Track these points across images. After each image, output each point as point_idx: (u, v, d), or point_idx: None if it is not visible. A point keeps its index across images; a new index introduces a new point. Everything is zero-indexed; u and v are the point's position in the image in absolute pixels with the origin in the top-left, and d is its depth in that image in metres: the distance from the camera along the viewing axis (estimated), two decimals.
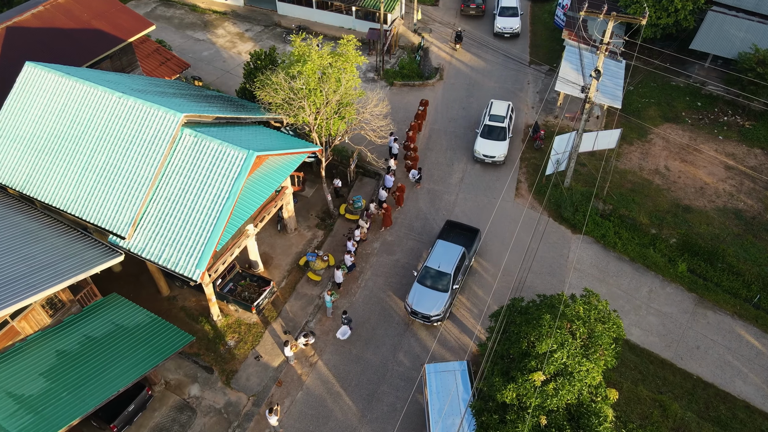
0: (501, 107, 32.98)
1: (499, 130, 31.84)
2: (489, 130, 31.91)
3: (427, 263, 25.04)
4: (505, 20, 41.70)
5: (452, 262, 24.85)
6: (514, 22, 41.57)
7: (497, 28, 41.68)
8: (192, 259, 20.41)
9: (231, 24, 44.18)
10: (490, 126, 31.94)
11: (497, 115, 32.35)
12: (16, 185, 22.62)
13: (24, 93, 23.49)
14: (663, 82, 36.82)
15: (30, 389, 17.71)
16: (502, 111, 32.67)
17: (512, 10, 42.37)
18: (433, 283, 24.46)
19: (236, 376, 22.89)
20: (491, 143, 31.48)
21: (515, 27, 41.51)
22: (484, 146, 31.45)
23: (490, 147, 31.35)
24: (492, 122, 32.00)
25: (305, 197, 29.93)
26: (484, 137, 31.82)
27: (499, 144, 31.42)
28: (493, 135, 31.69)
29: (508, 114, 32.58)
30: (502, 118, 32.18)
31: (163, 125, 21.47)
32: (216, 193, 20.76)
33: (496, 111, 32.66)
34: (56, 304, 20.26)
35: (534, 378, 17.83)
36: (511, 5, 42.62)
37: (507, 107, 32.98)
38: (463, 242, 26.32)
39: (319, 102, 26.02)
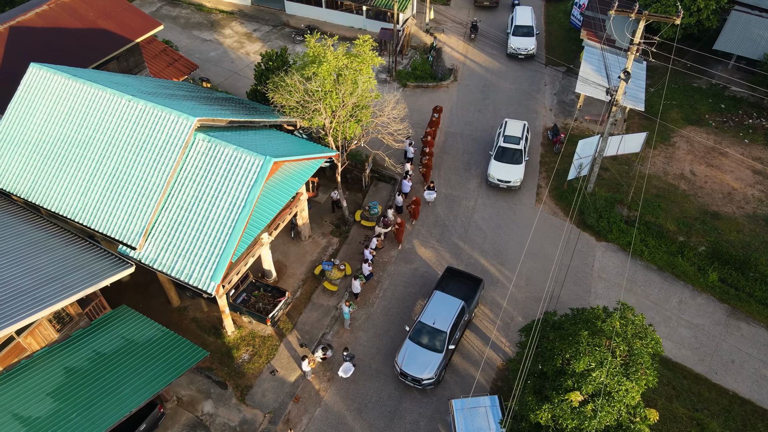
0: (516, 127, 30.70)
1: (515, 152, 29.56)
2: (503, 153, 29.62)
3: (421, 318, 22.28)
4: (520, 40, 38.63)
5: (449, 319, 22.06)
6: (529, 43, 38.45)
7: (511, 48, 38.57)
8: (206, 270, 19.40)
9: (238, 24, 43.18)
10: (504, 148, 29.70)
11: (512, 136, 30.13)
12: (21, 192, 21.61)
13: (29, 96, 22.49)
14: (684, 83, 35.82)
15: (37, 410, 16.71)
16: (517, 131, 30.39)
17: (527, 29, 39.06)
18: (427, 341, 21.77)
19: (251, 392, 21.89)
20: (506, 167, 29.23)
21: (530, 48, 38.32)
22: (498, 170, 29.26)
23: (505, 171, 29.15)
24: (507, 144, 29.80)
25: (319, 203, 28.92)
26: (498, 160, 29.51)
27: (515, 168, 29.23)
28: (508, 158, 29.43)
29: (523, 135, 30.31)
30: (517, 140, 29.97)
31: (176, 130, 20.47)
32: (231, 201, 19.76)
33: (511, 131, 30.42)
34: (64, 318, 19.26)
35: (571, 398, 16.85)
36: (526, 24, 39.24)
37: (522, 127, 30.64)
38: (463, 294, 23.62)
39: (335, 104, 25.03)
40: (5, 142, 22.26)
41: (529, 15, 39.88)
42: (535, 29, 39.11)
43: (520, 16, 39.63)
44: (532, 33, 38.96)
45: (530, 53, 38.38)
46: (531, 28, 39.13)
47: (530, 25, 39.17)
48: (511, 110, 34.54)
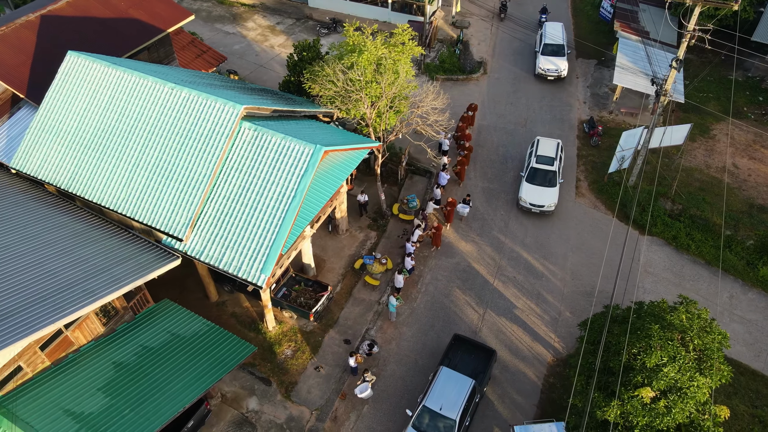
0: (549, 146, 28.22)
1: (548, 174, 27.16)
2: (536, 174, 27.22)
3: (426, 402, 19.18)
4: (549, 60, 34.75)
5: (459, 403, 18.97)
6: (559, 63, 34.54)
7: (539, 69, 34.70)
8: (256, 263, 18.81)
9: (261, 17, 42.59)
10: (536, 169, 27.30)
11: (545, 156, 27.72)
12: (60, 183, 21.03)
13: (67, 84, 21.90)
14: (720, 76, 35.20)
15: (89, 406, 16.13)
16: (550, 151, 27.98)
17: (557, 48, 35.13)
18: (432, 429, 18.84)
19: (296, 389, 21.29)
20: (539, 190, 26.85)
21: (561, 69, 34.35)
22: (530, 193, 26.81)
23: (538, 194, 26.73)
24: (539, 165, 27.40)
25: (354, 196, 28.29)
26: (530, 182, 27.13)
27: (549, 191, 26.79)
28: (540, 180, 27.10)
29: (557, 154, 27.91)
30: (551, 160, 27.57)
31: (222, 118, 19.87)
32: (281, 192, 19.16)
33: (544, 151, 27.95)
34: (110, 312, 18.67)
35: (642, 394, 16.24)
36: (557, 42, 35.31)
37: (556, 146, 28.25)
38: (473, 368, 20.53)
39: (375, 95, 24.46)
40: (43, 132, 21.68)
41: (560, 32, 36.29)
42: (566, 48, 35.48)
43: (550, 33, 36.10)
44: (563, 52, 35.22)
45: (561, 75, 34.73)
46: (562, 47, 35.28)
47: (561, 43, 35.34)
48: (545, 103, 33.91)
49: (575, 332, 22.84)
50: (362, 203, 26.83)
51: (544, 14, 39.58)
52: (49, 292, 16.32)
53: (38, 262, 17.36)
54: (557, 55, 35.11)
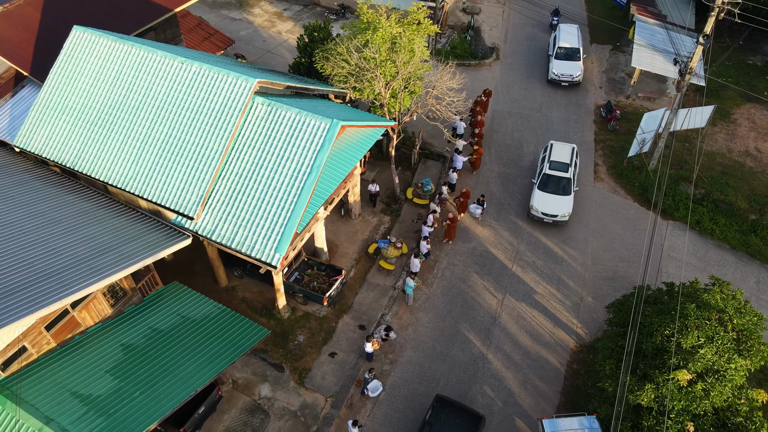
0: (563, 151, 26.36)
1: (562, 181, 25.35)
2: (548, 181, 25.39)
3: None
4: (563, 65, 32.59)
5: None
6: (574, 69, 32.35)
7: (552, 74, 32.58)
8: (270, 242, 18.02)
9: (267, 3, 41.83)
10: (549, 176, 25.47)
11: (559, 162, 25.79)
12: (66, 161, 20.26)
13: (73, 60, 21.14)
14: (739, 61, 34.38)
15: (98, 389, 15.35)
16: (565, 156, 26.08)
17: (572, 52, 32.94)
18: None
19: (310, 375, 20.51)
20: (552, 198, 25.00)
21: (576, 74, 32.23)
22: (543, 202, 24.99)
23: (551, 203, 24.89)
24: (552, 171, 25.53)
25: (367, 180, 27.51)
26: (542, 190, 25.32)
27: (563, 199, 24.97)
28: (554, 187, 25.22)
29: (572, 160, 25.99)
30: (565, 166, 25.68)
31: (234, 92, 19.10)
32: (296, 168, 18.38)
33: (558, 156, 26.04)
34: (117, 293, 17.90)
35: (678, 377, 15.45)
36: (571, 45, 33.09)
37: (571, 151, 26.32)
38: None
39: (390, 74, 23.68)
40: (48, 109, 20.92)
41: (575, 35, 33.87)
42: (581, 52, 33.10)
43: (564, 36, 33.75)
44: (578, 56, 32.82)
45: (576, 81, 32.46)
46: (577, 50, 32.95)
47: (576, 47, 33.03)
48: (559, 88, 33.09)
49: (598, 318, 22.07)
50: (373, 193, 25.85)
51: (556, 16, 37.11)
52: (56, 269, 15.56)
53: (44, 240, 16.60)
54: (572, 59, 32.76)
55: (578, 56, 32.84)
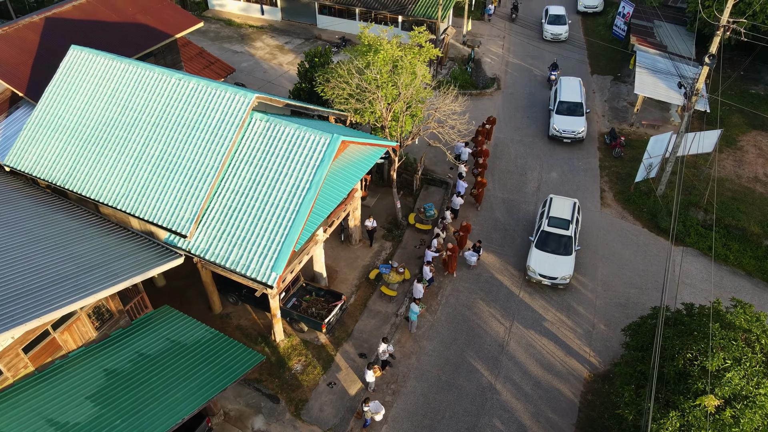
0: (564, 207, 24.04)
1: (562, 239, 23.01)
2: (547, 240, 23.09)
3: None
4: (565, 120, 30.02)
5: None
6: (577, 125, 29.71)
7: (553, 130, 30.02)
8: (266, 260, 17.12)
9: (269, 37, 42.15)
10: (548, 234, 23.21)
11: (559, 218, 23.52)
12: (56, 179, 19.57)
13: (69, 78, 20.74)
14: (741, 90, 34.25)
15: (76, 416, 14.15)
16: (565, 212, 23.84)
17: (575, 107, 30.32)
18: None
19: (307, 406, 19.22)
20: (552, 259, 22.61)
21: (579, 131, 29.60)
22: (541, 262, 22.59)
23: (550, 264, 22.51)
24: (551, 228, 23.27)
25: (367, 207, 26.79)
26: (541, 249, 22.97)
27: (563, 260, 22.53)
28: (553, 246, 22.92)
29: (573, 216, 23.74)
30: (565, 223, 23.37)
31: (232, 107, 18.58)
32: (295, 184, 17.65)
33: (558, 212, 23.84)
34: (103, 314, 16.86)
35: (705, 403, 14.27)
36: (574, 99, 30.61)
37: (572, 207, 24.07)
38: None
39: (391, 96, 23.31)
40: (40, 127, 20.38)
41: (578, 89, 31.49)
42: (585, 106, 30.57)
43: (566, 90, 31.37)
44: (581, 111, 30.35)
45: (579, 137, 29.82)
46: (580, 105, 30.43)
47: (579, 101, 30.56)
48: None
49: (612, 346, 20.94)
50: (370, 229, 24.18)
51: (554, 70, 35.10)
52: (36, 286, 14.62)
53: (26, 257, 15.71)
54: (574, 114, 30.39)
55: (581, 111, 30.44)
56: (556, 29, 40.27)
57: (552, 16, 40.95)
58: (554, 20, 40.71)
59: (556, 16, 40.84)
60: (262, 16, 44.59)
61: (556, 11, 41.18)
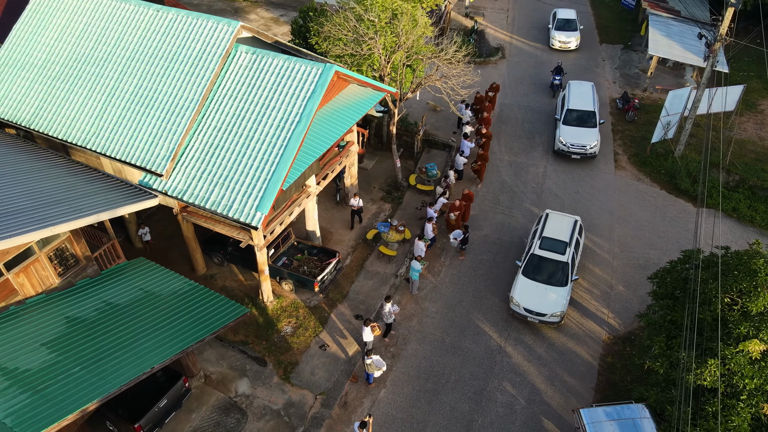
0: (561, 226, 19.69)
1: (557, 266, 18.57)
2: (539, 266, 18.64)
3: None
4: (573, 132, 24.99)
5: None
6: (589, 137, 24.72)
7: (559, 143, 25.02)
8: (250, 199, 15.34)
9: (264, 10, 40.53)
10: (540, 259, 18.74)
11: (554, 240, 19.12)
12: (21, 120, 17.83)
13: (38, 14, 19.05)
14: (757, 56, 32.54)
15: (28, 362, 12.33)
16: (562, 232, 19.41)
17: (586, 116, 25.44)
18: None
19: (297, 370, 17.38)
20: (541, 290, 18.17)
21: (591, 145, 24.53)
22: (527, 294, 18.21)
23: (538, 296, 18.07)
24: (544, 251, 18.87)
25: (365, 169, 25.02)
26: (528, 277, 18.58)
27: (555, 292, 18.14)
28: (544, 275, 18.49)
29: (573, 237, 19.33)
30: (561, 246, 18.95)
31: (215, 37, 16.86)
32: (283, 117, 15.90)
33: (553, 231, 19.44)
34: (67, 259, 15.04)
35: (749, 348, 12.46)
36: (585, 108, 25.66)
37: (572, 226, 19.74)
38: None
39: (390, 45, 21.62)
40: (6, 66, 18.67)
41: (590, 95, 26.44)
42: (598, 116, 25.63)
43: (576, 96, 26.26)
44: (593, 122, 25.25)
45: (590, 153, 24.75)
46: (592, 114, 25.43)
47: (591, 109, 25.59)
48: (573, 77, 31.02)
49: (632, 307, 19.13)
50: (356, 209, 21.58)
51: (559, 75, 29.84)
52: None
53: None
54: (585, 126, 25.17)
55: (594, 121, 25.25)
56: (565, 36, 33.55)
57: (561, 20, 34.32)
58: (563, 25, 34.09)
59: (566, 20, 34.25)
60: None
61: (565, 15, 34.60)
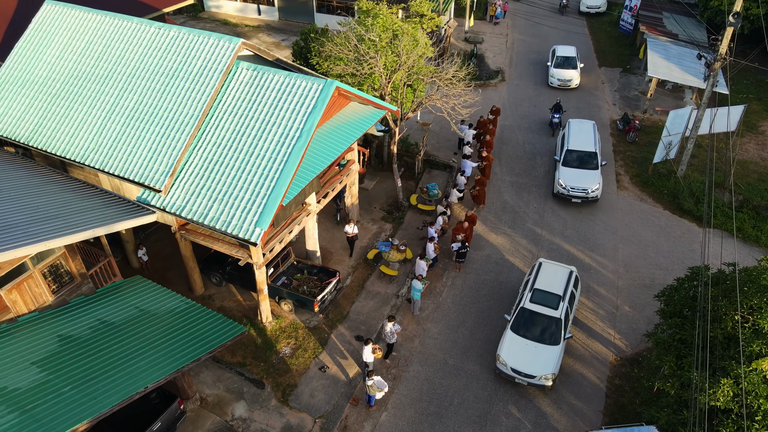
0: (555, 277, 18.12)
1: (549, 323, 17.01)
2: (530, 321, 17.11)
3: None
4: (573, 174, 23.63)
5: None
6: (589, 180, 23.36)
7: (559, 185, 23.61)
8: (250, 215, 15.09)
9: (266, 35, 40.95)
10: (530, 313, 17.21)
11: (546, 293, 17.54)
12: (20, 137, 17.69)
13: (41, 33, 19.09)
14: (757, 79, 32.77)
15: (16, 381, 11.90)
16: (556, 284, 17.83)
17: (586, 157, 24.08)
18: None
19: (296, 392, 16.87)
20: (530, 349, 16.62)
21: (592, 188, 23.17)
22: (515, 352, 16.63)
23: (528, 355, 16.49)
24: (535, 305, 17.31)
25: (366, 189, 24.84)
26: (517, 333, 17.06)
27: (546, 351, 16.56)
28: (534, 332, 16.95)
29: (567, 290, 17.74)
30: (555, 300, 17.34)
31: (216, 53, 16.83)
32: (284, 133, 15.75)
33: (546, 283, 17.83)
34: (62, 276, 14.71)
35: (762, 367, 12.06)
36: (585, 149, 24.27)
37: (567, 277, 18.13)
38: None
39: (390, 64, 21.71)
40: (7, 84, 18.63)
41: (591, 135, 25.02)
42: (600, 157, 24.23)
43: (576, 136, 24.89)
44: (595, 163, 23.88)
45: (592, 197, 23.34)
46: (593, 155, 24.08)
47: (592, 150, 24.24)
48: (570, 105, 31.15)
49: (639, 328, 18.72)
50: (350, 236, 20.78)
51: (558, 113, 28.44)
52: None
53: None
54: (586, 167, 23.79)
55: (595, 163, 23.89)
56: (565, 74, 32.23)
57: (560, 58, 32.85)
58: (562, 63, 32.66)
59: (565, 58, 32.78)
60: (258, 16, 43.53)
61: (564, 52, 33.15)
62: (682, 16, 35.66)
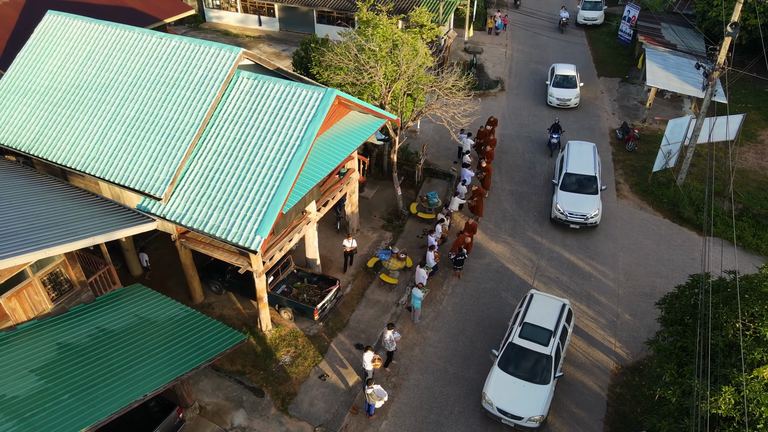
0: (546, 310, 17.18)
1: (538, 360, 16.02)
2: (518, 358, 16.13)
3: None
4: (572, 199, 22.80)
5: None
6: (588, 205, 22.52)
7: (557, 210, 22.79)
8: (250, 223, 15.10)
9: (266, 45, 41.22)
10: (519, 349, 16.26)
11: (536, 327, 16.60)
12: (21, 146, 17.76)
13: (43, 42, 19.23)
14: (755, 89, 32.92)
15: (15, 389, 11.86)
16: (547, 318, 16.88)
17: (586, 181, 23.26)
18: None
19: (295, 401, 16.79)
20: (518, 387, 15.67)
21: (591, 214, 22.32)
22: (501, 391, 15.66)
23: (515, 395, 15.53)
24: (524, 340, 16.37)
25: (366, 198, 24.88)
26: (504, 370, 16.06)
27: (534, 390, 15.60)
28: (524, 370, 15.96)
29: (559, 325, 16.80)
30: (545, 335, 16.40)
31: (216, 63, 16.94)
32: (284, 141, 15.82)
33: (537, 317, 16.90)
34: (62, 284, 14.70)
35: (764, 374, 12.01)
36: (584, 172, 23.42)
37: (559, 310, 17.20)
38: None
39: (390, 74, 21.84)
40: (9, 93, 18.74)
41: (591, 157, 24.15)
42: (599, 182, 23.31)
43: (575, 159, 24.03)
44: (594, 188, 23.05)
45: (591, 223, 22.48)
46: (593, 179, 23.20)
47: (592, 174, 23.33)
48: (570, 115, 31.30)
49: (639, 336, 18.66)
50: (348, 251, 20.55)
51: (556, 133, 27.65)
52: None
53: None
54: (585, 192, 22.97)
55: (595, 187, 23.04)
56: (564, 93, 31.36)
57: (559, 77, 31.92)
58: (562, 82, 31.74)
59: (564, 77, 31.87)
60: (259, 27, 43.82)
61: (564, 71, 32.16)
62: (681, 26, 35.91)
